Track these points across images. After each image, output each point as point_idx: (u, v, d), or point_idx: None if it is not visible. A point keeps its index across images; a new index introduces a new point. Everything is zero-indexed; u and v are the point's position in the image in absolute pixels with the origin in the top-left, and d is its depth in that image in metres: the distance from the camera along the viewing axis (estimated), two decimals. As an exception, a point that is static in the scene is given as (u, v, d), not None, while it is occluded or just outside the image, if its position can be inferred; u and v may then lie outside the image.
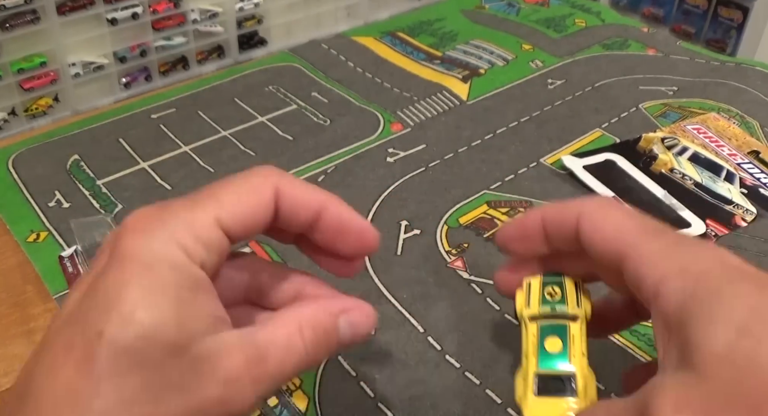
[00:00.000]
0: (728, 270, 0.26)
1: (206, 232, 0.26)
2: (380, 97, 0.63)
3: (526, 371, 0.29)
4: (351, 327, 0.28)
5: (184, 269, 0.25)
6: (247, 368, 0.25)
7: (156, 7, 1.29)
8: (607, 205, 0.29)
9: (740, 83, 0.67)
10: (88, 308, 0.24)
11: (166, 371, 0.24)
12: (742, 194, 0.53)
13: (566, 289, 0.32)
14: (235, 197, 0.27)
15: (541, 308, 0.31)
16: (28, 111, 1.22)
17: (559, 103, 0.63)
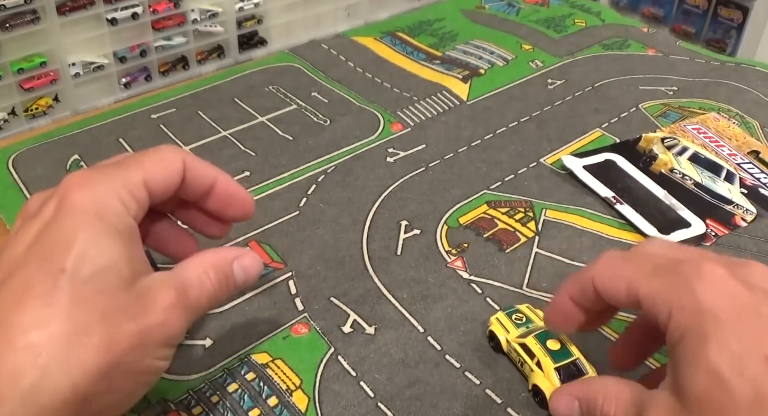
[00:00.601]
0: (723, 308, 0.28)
1: (137, 190, 0.32)
2: (380, 97, 0.63)
3: (546, 371, 0.37)
4: (243, 270, 0.34)
5: (124, 218, 0.31)
6: (178, 299, 0.31)
7: (156, 7, 1.29)
8: (609, 261, 0.33)
9: (740, 83, 0.67)
10: (45, 250, 0.29)
11: (119, 301, 0.29)
12: (742, 194, 0.53)
13: (524, 312, 0.41)
14: (157, 165, 0.33)
15: (519, 330, 0.40)
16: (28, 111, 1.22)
17: (559, 103, 0.63)
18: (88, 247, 0.29)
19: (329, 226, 0.49)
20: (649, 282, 0.30)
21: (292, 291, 0.44)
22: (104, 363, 0.28)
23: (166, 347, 0.31)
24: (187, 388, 0.38)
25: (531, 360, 0.38)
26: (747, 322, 0.28)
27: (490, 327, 0.41)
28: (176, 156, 0.35)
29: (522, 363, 0.39)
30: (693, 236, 0.49)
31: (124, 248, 0.30)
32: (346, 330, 0.41)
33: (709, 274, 0.29)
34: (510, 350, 0.39)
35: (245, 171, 0.54)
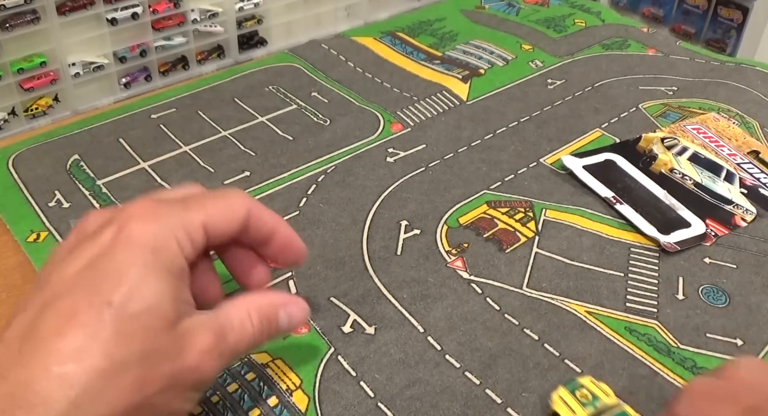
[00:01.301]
0: None
1: (195, 232, 0.32)
2: (380, 97, 0.63)
3: None
4: (289, 317, 0.34)
5: (177, 259, 0.31)
6: (215, 343, 0.31)
7: (156, 7, 1.29)
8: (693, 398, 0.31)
9: (740, 83, 0.67)
10: (96, 279, 0.29)
11: (160, 341, 0.29)
12: (741, 194, 0.53)
13: (589, 387, 0.37)
14: (220, 210, 0.33)
15: (587, 410, 0.36)
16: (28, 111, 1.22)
17: (558, 103, 0.63)
18: (139, 283, 0.29)
19: (329, 226, 0.49)
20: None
21: (292, 291, 0.44)
22: (133, 402, 0.28)
23: (195, 390, 0.31)
24: (187, 388, 0.38)
25: None
26: None
27: (554, 407, 0.36)
28: (242, 203, 0.34)
29: None
30: (693, 236, 0.49)
31: (173, 289, 0.30)
32: (346, 330, 0.42)
33: None
34: None
35: (245, 171, 0.54)
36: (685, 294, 0.45)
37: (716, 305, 0.44)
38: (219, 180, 0.53)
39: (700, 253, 0.48)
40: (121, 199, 0.51)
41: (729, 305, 0.44)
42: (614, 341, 0.41)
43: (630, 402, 0.38)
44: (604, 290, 0.45)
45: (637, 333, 0.42)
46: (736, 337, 0.42)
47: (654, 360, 0.40)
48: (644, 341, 0.41)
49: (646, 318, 0.43)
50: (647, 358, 0.40)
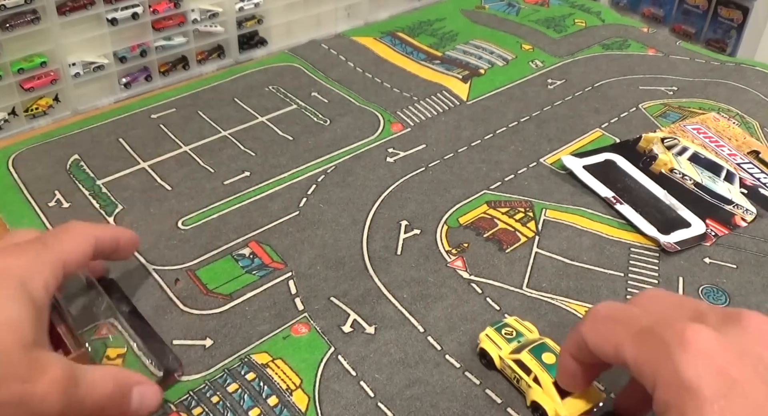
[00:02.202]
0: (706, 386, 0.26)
1: (57, 270, 0.35)
2: (380, 98, 0.63)
3: (545, 387, 0.36)
4: (141, 396, 0.35)
5: (41, 294, 0.34)
6: (65, 381, 0.32)
7: (156, 7, 1.29)
8: (597, 320, 0.32)
9: (740, 83, 0.67)
10: None
11: (12, 358, 0.30)
12: (742, 194, 0.53)
13: (513, 326, 0.40)
14: (74, 246, 0.37)
15: (511, 346, 0.39)
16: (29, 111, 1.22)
17: (559, 103, 0.63)
18: (3, 302, 0.32)
19: (329, 226, 0.49)
20: (634, 348, 0.29)
21: (292, 291, 0.44)
22: None
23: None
24: (187, 389, 0.38)
25: (528, 375, 0.37)
26: (733, 405, 0.26)
27: (481, 345, 0.40)
28: (88, 234, 0.38)
29: (518, 379, 0.38)
30: (693, 236, 0.49)
31: (34, 316, 0.32)
32: (346, 330, 0.42)
33: (695, 342, 0.27)
34: (504, 367, 0.39)
35: (245, 171, 0.54)
36: (686, 294, 0.45)
37: (716, 305, 0.44)
38: (219, 180, 0.53)
39: (700, 253, 0.48)
40: (121, 199, 0.51)
41: (729, 305, 0.44)
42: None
43: (630, 402, 0.38)
44: (604, 290, 0.45)
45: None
46: (736, 337, 0.42)
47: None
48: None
49: (646, 318, 0.43)
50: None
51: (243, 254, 0.47)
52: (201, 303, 0.43)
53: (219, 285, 0.44)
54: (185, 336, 0.41)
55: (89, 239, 0.38)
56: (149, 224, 0.49)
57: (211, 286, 0.44)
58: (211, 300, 0.43)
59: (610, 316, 0.31)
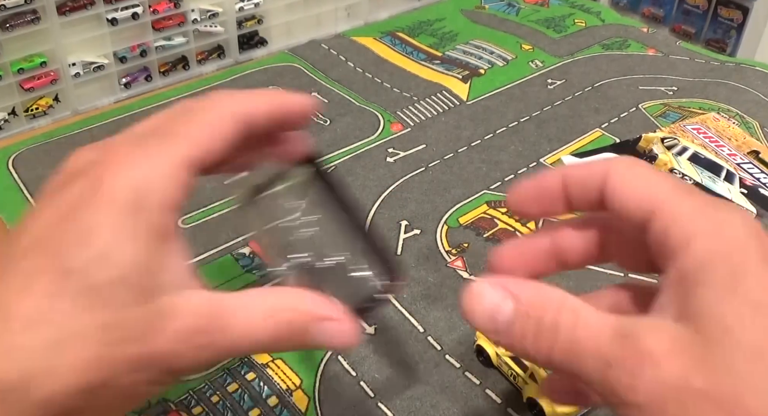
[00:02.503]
0: (760, 247, 0.24)
1: (182, 175, 0.26)
2: (380, 98, 0.63)
3: (540, 381, 0.36)
4: (321, 336, 0.27)
5: (162, 216, 0.25)
6: (199, 331, 0.25)
7: (156, 7, 1.29)
8: (637, 164, 0.27)
9: (740, 83, 0.67)
10: (61, 240, 0.25)
11: (127, 317, 0.24)
12: (742, 194, 0.53)
13: None
14: (206, 133, 0.27)
15: None
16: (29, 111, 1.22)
17: (559, 103, 0.63)
18: (110, 249, 0.24)
19: (329, 226, 0.49)
20: (680, 198, 0.25)
21: (292, 291, 0.44)
22: (89, 381, 0.24)
23: (170, 375, 0.26)
24: (187, 388, 0.38)
25: (524, 372, 0.37)
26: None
27: (478, 342, 0.40)
28: (229, 108, 0.28)
29: (514, 376, 0.38)
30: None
31: (153, 255, 0.25)
32: (346, 330, 0.41)
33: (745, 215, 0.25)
34: (500, 363, 0.39)
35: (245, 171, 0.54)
36: (685, 294, 0.45)
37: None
38: (219, 180, 0.53)
39: (700, 253, 0.48)
40: (121, 199, 0.51)
41: (729, 305, 0.44)
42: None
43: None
44: (604, 290, 0.45)
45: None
46: (736, 337, 0.42)
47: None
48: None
49: (646, 318, 0.43)
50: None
51: (243, 253, 0.47)
52: (201, 303, 0.43)
53: (219, 284, 0.44)
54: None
55: (228, 121, 0.28)
56: (149, 224, 0.49)
57: (211, 285, 0.44)
58: (211, 300, 0.43)
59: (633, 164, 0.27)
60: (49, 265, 0.24)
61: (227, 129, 0.27)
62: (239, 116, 0.28)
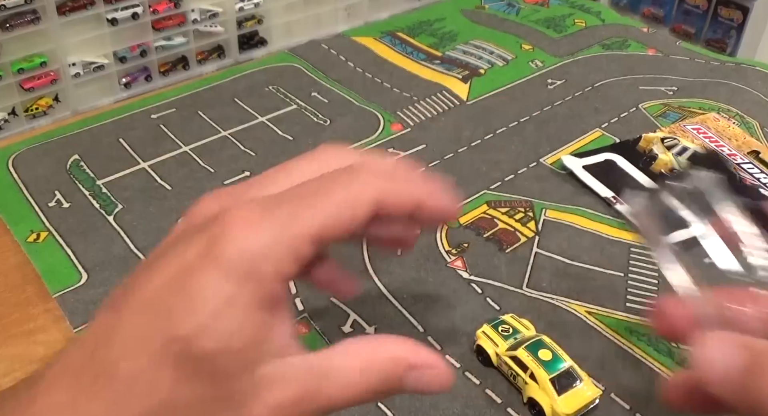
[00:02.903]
0: None
1: (303, 247, 0.25)
2: (380, 97, 0.63)
3: (541, 383, 0.37)
4: (417, 383, 0.26)
5: (274, 287, 0.25)
6: (297, 400, 0.25)
7: (156, 7, 1.29)
8: None
9: (740, 83, 0.67)
10: (172, 305, 0.24)
11: (228, 387, 0.24)
12: (742, 194, 0.53)
13: (510, 323, 0.40)
14: (337, 210, 0.25)
15: (507, 343, 0.39)
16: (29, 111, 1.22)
17: (559, 103, 0.63)
18: (216, 318, 0.24)
19: (329, 226, 0.49)
20: None
21: (292, 291, 0.44)
22: None
23: None
24: (187, 388, 0.38)
25: (524, 372, 0.37)
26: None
27: (478, 342, 0.40)
28: (367, 192, 0.26)
29: (514, 375, 0.38)
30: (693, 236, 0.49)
31: (259, 327, 0.24)
32: (347, 330, 0.42)
33: None
34: (500, 363, 0.39)
35: (245, 171, 0.54)
36: (685, 294, 0.45)
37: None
38: (219, 180, 0.53)
39: (701, 253, 0.48)
40: (120, 199, 0.51)
41: (729, 306, 0.44)
42: (614, 341, 0.41)
43: (630, 402, 0.38)
44: (604, 291, 0.45)
45: (638, 333, 0.42)
46: (736, 337, 0.42)
47: (654, 359, 0.40)
48: (644, 341, 0.41)
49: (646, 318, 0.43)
50: (647, 358, 0.40)
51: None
52: (201, 303, 0.43)
53: (219, 285, 0.44)
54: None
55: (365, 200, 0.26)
56: (149, 222, 0.49)
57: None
58: (211, 300, 0.43)
59: None
60: (156, 329, 0.24)
61: (364, 213, 0.26)
62: (381, 202, 0.26)
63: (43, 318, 0.43)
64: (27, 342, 0.41)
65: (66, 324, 0.42)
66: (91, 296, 0.43)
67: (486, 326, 0.40)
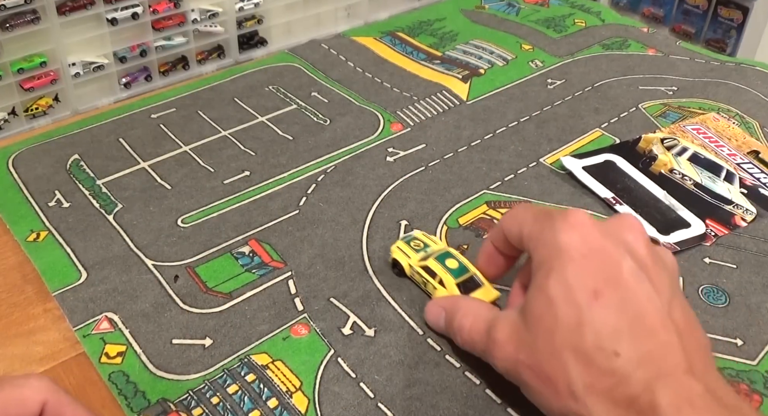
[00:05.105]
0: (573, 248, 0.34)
1: None
2: (380, 97, 0.63)
3: (448, 287, 0.42)
4: None
5: None
6: None
7: (156, 7, 1.29)
8: (514, 210, 0.39)
9: (740, 83, 0.67)
10: None
11: None
12: (741, 194, 0.53)
13: (421, 238, 0.45)
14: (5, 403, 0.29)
15: (419, 255, 0.44)
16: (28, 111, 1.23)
17: (558, 103, 0.63)
18: None
19: (329, 225, 0.49)
20: (531, 224, 0.37)
21: (291, 291, 0.44)
22: None
23: None
24: (187, 388, 0.38)
25: (433, 279, 0.42)
26: (589, 261, 0.33)
27: (393, 256, 0.45)
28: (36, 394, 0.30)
29: (425, 283, 0.43)
30: (693, 236, 0.49)
31: None
32: (346, 332, 0.41)
33: (574, 220, 0.35)
34: (413, 273, 0.44)
35: (245, 171, 0.54)
36: (685, 294, 0.45)
37: (716, 305, 0.44)
38: (219, 179, 0.53)
39: (700, 253, 0.48)
40: (120, 199, 0.51)
41: (729, 305, 0.44)
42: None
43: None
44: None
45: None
46: (736, 337, 0.42)
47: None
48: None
49: (646, 318, 0.43)
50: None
51: (243, 252, 0.47)
52: (200, 302, 0.43)
53: (218, 283, 0.44)
54: (184, 335, 0.41)
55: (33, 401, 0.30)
56: (148, 222, 0.49)
57: (211, 284, 0.44)
58: (211, 299, 0.43)
59: (525, 207, 0.39)
60: None
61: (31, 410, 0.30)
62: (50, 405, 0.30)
63: (43, 317, 0.43)
64: (27, 342, 0.41)
65: (66, 324, 0.42)
66: (90, 294, 0.43)
67: (399, 242, 0.45)
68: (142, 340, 0.41)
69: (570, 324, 0.32)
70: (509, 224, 0.38)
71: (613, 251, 0.34)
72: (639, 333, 0.32)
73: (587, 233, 0.34)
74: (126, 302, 0.43)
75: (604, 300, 0.32)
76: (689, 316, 0.34)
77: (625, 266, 0.33)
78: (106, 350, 0.40)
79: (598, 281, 0.33)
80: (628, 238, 0.35)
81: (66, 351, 0.41)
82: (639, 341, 0.31)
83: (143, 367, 0.39)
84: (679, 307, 0.34)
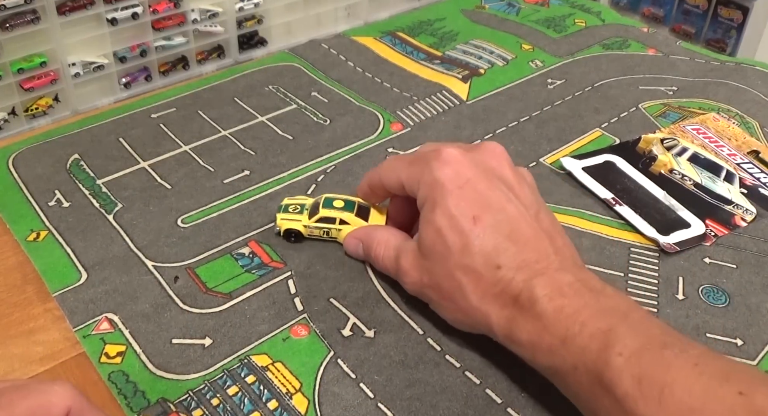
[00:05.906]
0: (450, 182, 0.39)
1: None
2: (380, 97, 0.63)
3: (352, 223, 0.46)
4: None
5: None
6: None
7: (156, 7, 1.29)
8: (389, 161, 0.44)
9: (740, 83, 0.67)
10: None
11: None
12: (741, 194, 0.53)
13: (293, 202, 0.48)
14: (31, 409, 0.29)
15: (304, 214, 0.47)
16: (28, 111, 1.23)
17: (558, 103, 0.63)
18: None
19: (329, 226, 0.49)
20: (408, 170, 0.41)
21: (291, 291, 0.44)
22: None
23: None
24: (186, 388, 0.38)
25: (334, 224, 0.46)
26: (465, 192, 0.38)
27: (283, 228, 0.47)
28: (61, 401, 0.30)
29: (327, 231, 0.46)
30: (693, 236, 0.49)
31: None
32: (346, 334, 0.41)
33: (446, 156, 0.39)
34: (311, 232, 0.46)
35: (245, 171, 0.54)
36: (685, 294, 0.45)
37: (716, 305, 0.44)
38: (219, 179, 0.53)
39: (700, 253, 0.48)
40: (120, 198, 0.51)
41: (729, 305, 0.44)
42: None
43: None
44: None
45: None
46: (736, 337, 0.42)
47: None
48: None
49: (646, 319, 0.43)
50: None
51: (242, 253, 0.47)
52: (200, 302, 0.43)
53: (218, 284, 0.44)
54: (184, 334, 0.41)
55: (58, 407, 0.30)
56: (148, 222, 0.49)
57: (211, 284, 0.44)
58: (211, 299, 0.43)
59: (398, 157, 0.43)
60: None
61: None
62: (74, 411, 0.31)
63: (43, 317, 0.43)
64: (27, 342, 0.41)
65: (66, 325, 0.42)
66: (90, 295, 0.43)
67: (279, 214, 0.47)
68: (141, 340, 0.41)
69: (458, 248, 0.38)
70: (388, 176, 0.43)
71: (484, 179, 0.39)
72: (515, 245, 0.37)
73: (459, 167, 0.39)
74: (126, 303, 0.43)
75: (483, 223, 0.38)
76: (554, 222, 0.40)
77: (496, 190, 0.39)
78: (105, 350, 0.40)
79: (475, 207, 0.38)
80: (493, 164, 0.40)
81: (66, 351, 0.41)
82: (516, 252, 0.37)
83: (143, 367, 0.39)
84: (545, 215, 0.40)
